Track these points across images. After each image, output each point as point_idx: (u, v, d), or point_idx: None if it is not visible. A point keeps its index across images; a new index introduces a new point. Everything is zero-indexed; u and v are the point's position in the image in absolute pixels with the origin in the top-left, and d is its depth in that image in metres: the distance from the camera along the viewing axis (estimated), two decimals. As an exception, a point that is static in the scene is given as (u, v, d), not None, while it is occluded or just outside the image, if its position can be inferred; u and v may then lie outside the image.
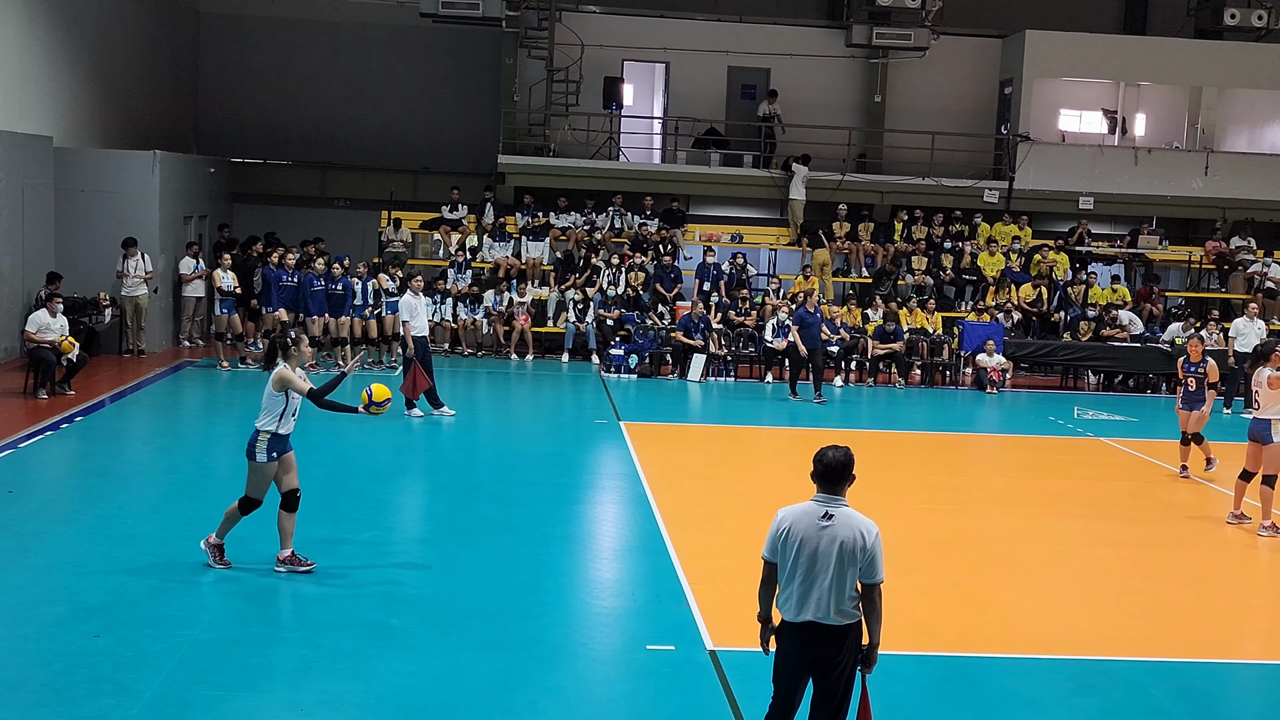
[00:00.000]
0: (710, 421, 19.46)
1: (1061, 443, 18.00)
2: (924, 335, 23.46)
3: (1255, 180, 28.27)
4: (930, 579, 10.77)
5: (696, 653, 8.70)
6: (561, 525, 12.07)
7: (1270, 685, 8.95)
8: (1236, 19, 28.13)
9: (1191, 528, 13.26)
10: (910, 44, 27.21)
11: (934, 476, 15.40)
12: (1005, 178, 27.87)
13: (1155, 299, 25.46)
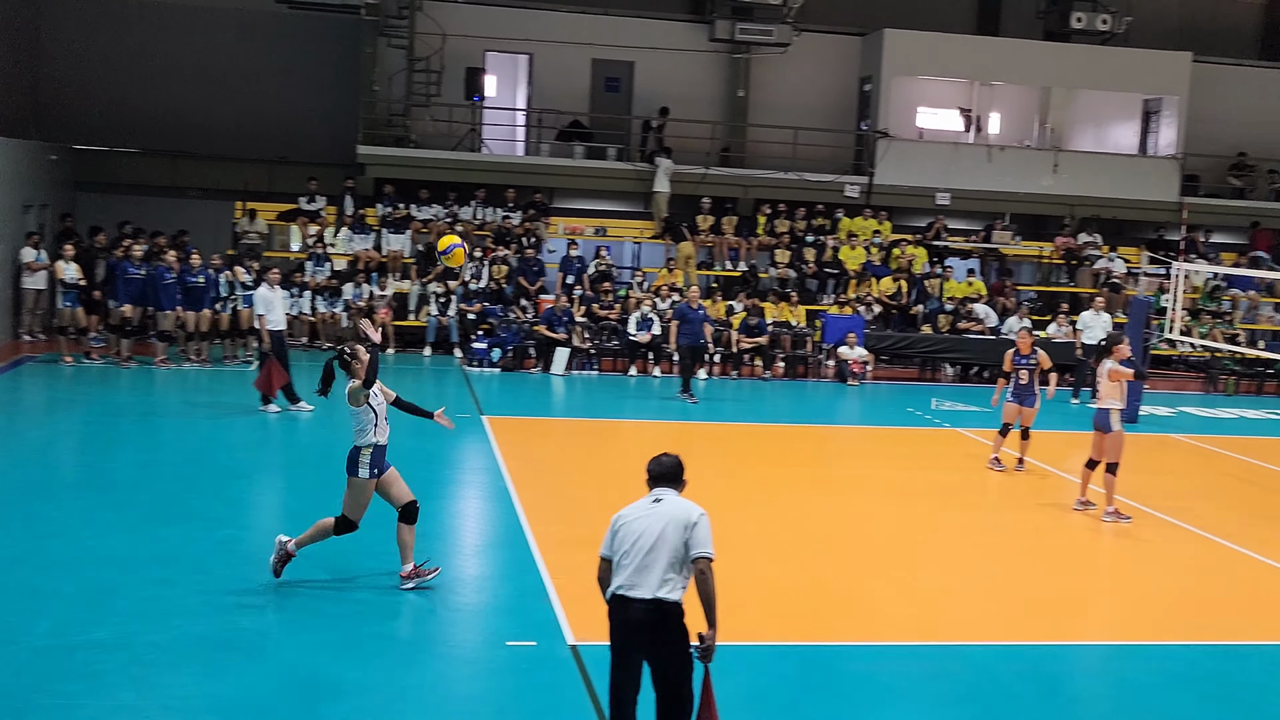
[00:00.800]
0: (574, 415, 19.37)
1: (919, 433, 18.33)
2: (787, 328, 23.71)
3: (1101, 178, 29.19)
4: (791, 569, 10.84)
5: (558, 648, 8.62)
6: (421, 521, 11.82)
7: (1112, 664, 9.21)
8: (1083, 22, 28.99)
9: (1041, 515, 13.58)
10: (772, 40, 27.44)
11: (796, 468, 15.55)
12: (865, 173, 28.31)
13: (1008, 293, 26.11)
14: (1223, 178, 30.86)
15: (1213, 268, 26.80)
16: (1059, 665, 9.06)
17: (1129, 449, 13.31)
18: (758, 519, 12.47)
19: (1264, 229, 29.70)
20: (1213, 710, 8.29)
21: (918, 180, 28.35)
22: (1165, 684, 8.73)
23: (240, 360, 20.80)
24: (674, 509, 6.49)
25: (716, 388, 21.53)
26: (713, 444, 16.66)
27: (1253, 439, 19.25)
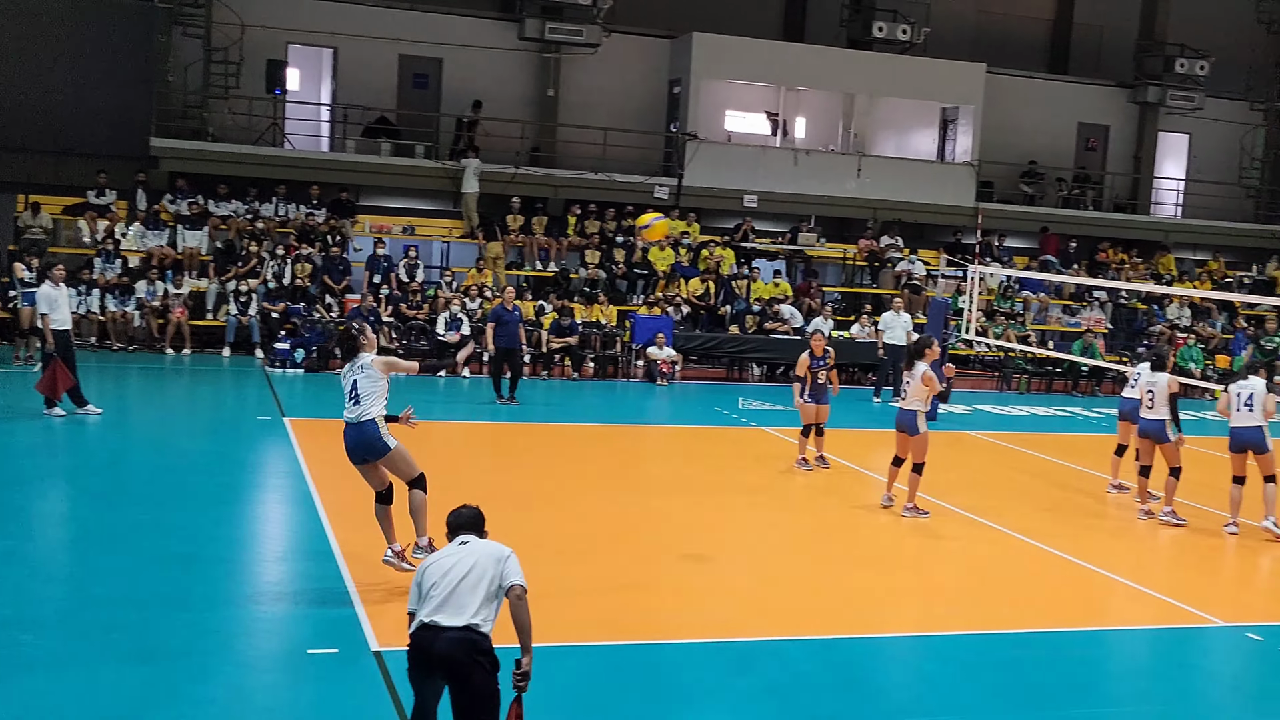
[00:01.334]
0: (380, 416, 18.95)
1: (726, 432, 18.52)
2: (597, 328, 23.71)
3: (902, 183, 30.05)
4: (598, 569, 10.78)
5: (361, 655, 8.36)
6: (218, 527, 11.41)
7: (911, 656, 9.40)
8: (884, 32, 29.80)
9: (844, 512, 13.84)
10: (582, 40, 27.42)
11: (605, 468, 15.53)
12: (674, 175, 28.53)
13: (814, 294, 26.63)
14: (1015, 184, 32.15)
15: (1006, 271, 27.85)
16: (861, 658, 9.20)
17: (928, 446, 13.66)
18: (565, 519, 12.38)
19: (1053, 234, 31.02)
20: (1002, 696, 8.53)
21: (726, 182, 28.70)
22: (959, 673, 8.95)
23: (24, 362, 19.73)
24: (483, 546, 6.45)
25: (526, 388, 21.35)
26: (522, 444, 16.51)
27: (1043, 435, 20.03)
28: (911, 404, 13.27)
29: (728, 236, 28.02)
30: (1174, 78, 32.16)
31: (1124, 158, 33.84)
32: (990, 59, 31.39)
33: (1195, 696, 8.94)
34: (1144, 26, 33.11)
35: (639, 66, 29.56)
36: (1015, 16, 33.90)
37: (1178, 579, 12.09)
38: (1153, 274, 30.76)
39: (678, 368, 23.35)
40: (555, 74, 28.66)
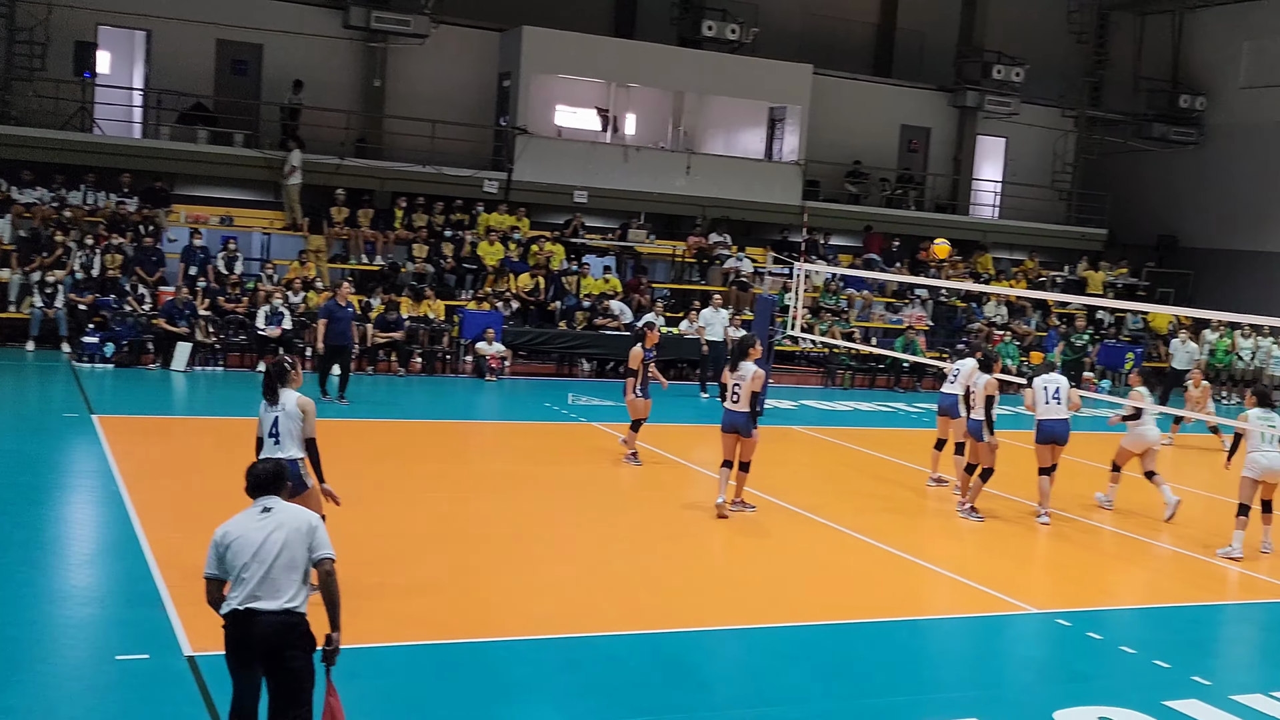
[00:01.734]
0: (196, 414, 18.37)
1: (556, 428, 18.40)
2: (424, 323, 23.34)
3: (731, 181, 30.36)
4: (422, 568, 10.58)
5: (173, 660, 8.01)
6: (20, 530, 10.82)
7: (735, 648, 9.43)
8: (714, 31, 30.05)
9: (674, 507, 13.86)
10: (410, 30, 26.96)
11: (431, 465, 15.27)
12: (504, 169, 28.28)
13: (643, 290, 26.70)
14: (840, 184, 32.78)
15: (831, 268, 28.34)
16: (688, 652, 9.19)
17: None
18: (389, 517, 12.12)
19: (876, 233, 31.73)
20: (828, 684, 8.63)
21: (556, 178, 28.57)
22: (786, 664, 9.02)
23: None
24: (288, 517, 6.23)
25: (352, 384, 20.87)
26: (347, 442, 16.10)
27: (866, 430, 20.44)
28: (744, 405, 12.94)
29: (558, 232, 27.90)
30: (991, 83, 33.23)
31: (944, 159, 34.84)
32: (817, 60, 31.94)
33: (1010, 680, 9.19)
34: (963, 33, 34.13)
35: (468, 59, 29.22)
36: (841, 19, 34.57)
37: (993, 568, 12.41)
38: (971, 273, 31.72)
39: (507, 363, 23.14)
40: (382, 64, 28.12)
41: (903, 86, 34.11)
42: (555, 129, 30.24)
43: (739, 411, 13.01)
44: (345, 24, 27.06)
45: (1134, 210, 35.83)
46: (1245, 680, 9.28)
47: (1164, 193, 35.64)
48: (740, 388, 12.98)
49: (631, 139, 30.96)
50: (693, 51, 30.29)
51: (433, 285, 24.65)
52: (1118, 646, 9.83)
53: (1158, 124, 34.64)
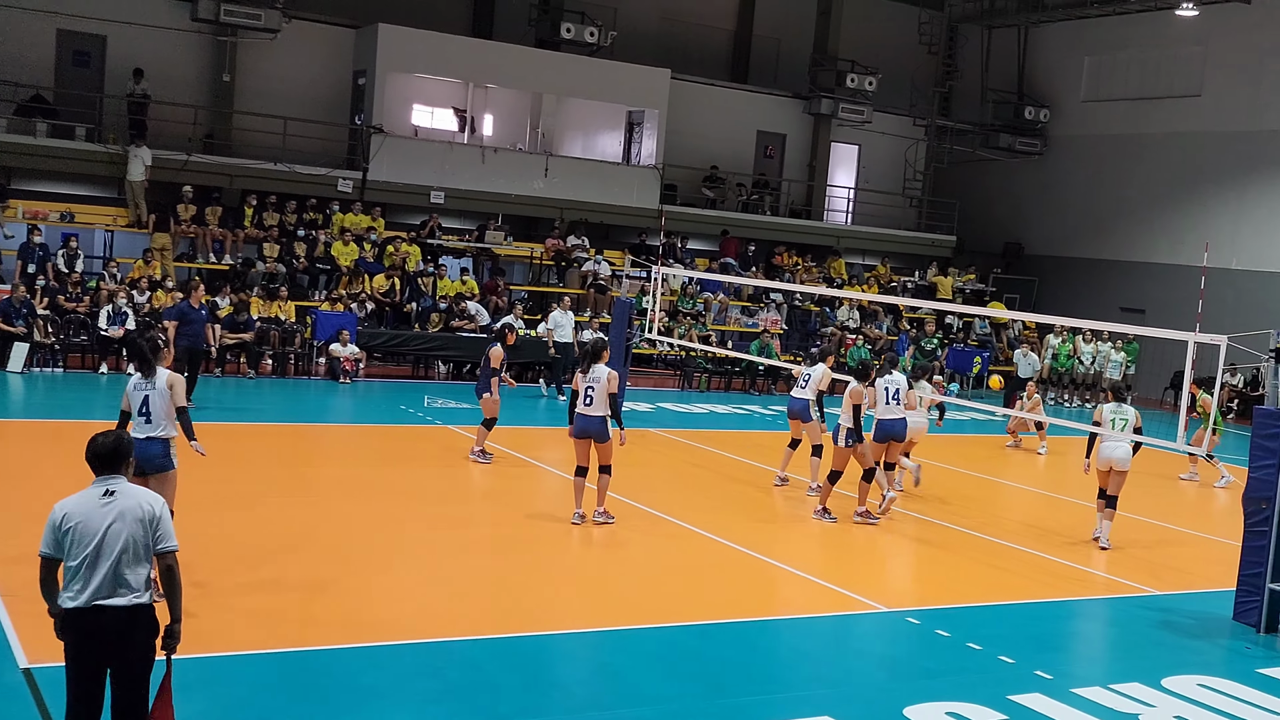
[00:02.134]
0: (33, 416, 17.67)
1: (412, 431, 18.16)
2: (276, 324, 22.83)
3: (589, 184, 30.37)
4: (278, 573, 10.32)
5: (7, 673, 7.69)
6: None
7: (593, 650, 9.40)
8: (572, 33, 30.00)
9: (533, 511, 13.77)
10: (261, 25, 26.33)
11: (283, 469, 14.92)
12: (359, 168, 27.84)
13: (501, 292, 26.53)
14: (697, 188, 33.03)
15: (688, 272, 28.56)
16: (544, 655, 9.13)
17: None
18: (243, 524, 11.81)
19: (732, 237, 32.05)
20: (682, 685, 8.64)
21: (412, 178, 28.23)
22: (642, 665, 9.02)
23: None
24: (132, 503, 6.01)
25: (200, 387, 20.31)
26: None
27: (722, 432, 20.60)
28: (599, 409, 12.70)
29: (414, 233, 27.57)
30: (845, 92, 33.84)
31: (799, 166, 35.36)
32: (675, 65, 32.16)
33: (862, 678, 9.32)
34: (818, 42, 34.68)
35: (322, 55, 28.71)
36: (698, 25, 34.86)
37: (844, 568, 12.62)
38: (825, 277, 32.25)
39: (361, 366, 22.78)
40: (231, 58, 27.42)
41: (759, 93, 34.53)
42: (412, 128, 29.89)
43: (594, 416, 12.67)
44: (194, 16, 26.29)
45: (982, 218, 36.86)
46: (1086, 674, 9.57)
47: (1010, 201, 36.75)
48: (594, 391, 12.65)
49: (489, 140, 30.74)
50: (551, 53, 30.21)
51: (285, 285, 24.11)
52: (965, 643, 10.05)
53: (1004, 134, 35.70)
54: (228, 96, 27.48)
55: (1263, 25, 30.68)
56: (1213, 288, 26.55)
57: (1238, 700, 9.18)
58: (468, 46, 29.64)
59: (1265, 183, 30.63)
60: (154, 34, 26.58)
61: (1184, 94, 32.70)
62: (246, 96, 27.69)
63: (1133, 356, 29.56)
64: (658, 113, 31.35)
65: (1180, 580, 13.02)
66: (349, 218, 26.75)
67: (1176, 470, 19.79)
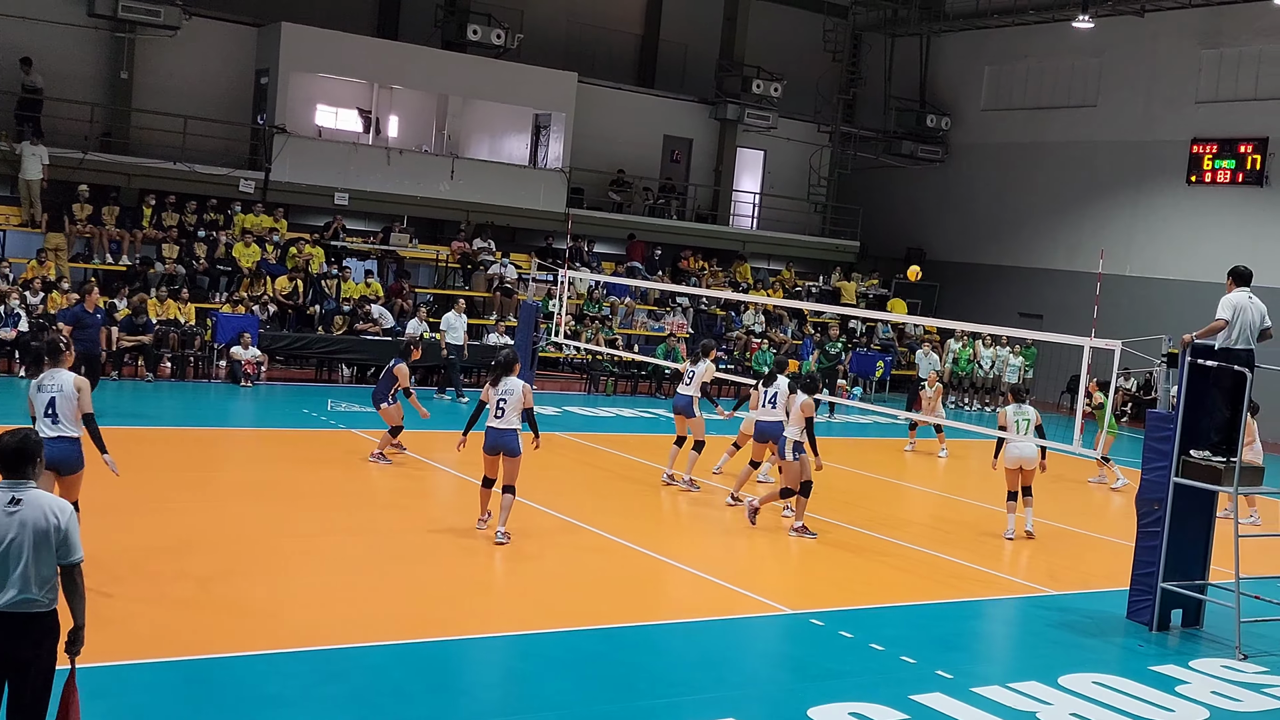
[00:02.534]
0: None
1: (315, 435, 17.94)
2: (175, 326, 22.41)
3: (495, 186, 30.26)
4: (179, 580, 10.12)
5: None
6: None
7: (499, 656, 9.37)
8: (479, 35, 29.87)
9: (437, 515, 13.69)
10: (160, 21, 25.84)
11: (183, 473, 14.65)
12: (262, 168, 27.44)
13: (406, 295, 26.31)
14: (604, 192, 33.06)
15: (595, 276, 28.57)
16: (450, 660, 9.07)
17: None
18: (139, 528, 11.58)
19: (639, 241, 32.13)
20: (587, 689, 8.66)
21: (316, 179, 27.89)
22: (548, 669, 9.01)
23: None
24: (36, 513, 5.87)
25: (96, 391, 19.88)
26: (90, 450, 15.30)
27: (628, 435, 20.64)
28: (509, 422, 12.19)
29: (318, 234, 27.24)
30: (751, 97, 34.09)
31: (705, 171, 35.56)
32: (582, 69, 32.17)
33: (766, 679, 9.41)
34: (724, 48, 34.91)
35: (224, 53, 28.25)
36: (606, 29, 34.91)
37: (749, 571, 12.72)
38: (731, 282, 32.46)
39: (263, 368, 22.46)
40: (130, 55, 26.86)
41: (666, 97, 34.67)
42: (315, 129, 29.55)
43: (506, 429, 12.21)
44: (90, 11, 25.70)
45: (885, 223, 37.39)
46: (985, 673, 9.75)
47: (913, 207, 37.32)
48: (506, 404, 12.20)
49: (394, 141, 30.50)
50: (457, 55, 30.05)
51: (185, 286, 23.68)
52: (868, 644, 10.18)
53: (906, 141, 36.25)
54: (126, 94, 26.91)
55: (1155, 38, 31.53)
56: (1108, 294, 27.07)
57: (1131, 697, 9.42)
58: (373, 47, 29.36)
59: (1158, 192, 31.47)
60: (48, 29, 25.92)
61: (1081, 104, 33.48)
62: (145, 94, 27.15)
63: (1031, 361, 30.16)
64: (565, 116, 31.33)
65: (1077, 580, 13.32)
66: (251, 219, 26.36)
67: (1076, 473, 20.23)
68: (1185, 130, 30.78)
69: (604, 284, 29.45)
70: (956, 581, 12.82)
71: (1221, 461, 11.22)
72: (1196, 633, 11.52)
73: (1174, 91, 31.20)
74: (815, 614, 10.95)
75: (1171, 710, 9.24)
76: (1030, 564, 13.85)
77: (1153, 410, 11.85)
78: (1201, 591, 11.65)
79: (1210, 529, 11.85)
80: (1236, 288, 11.43)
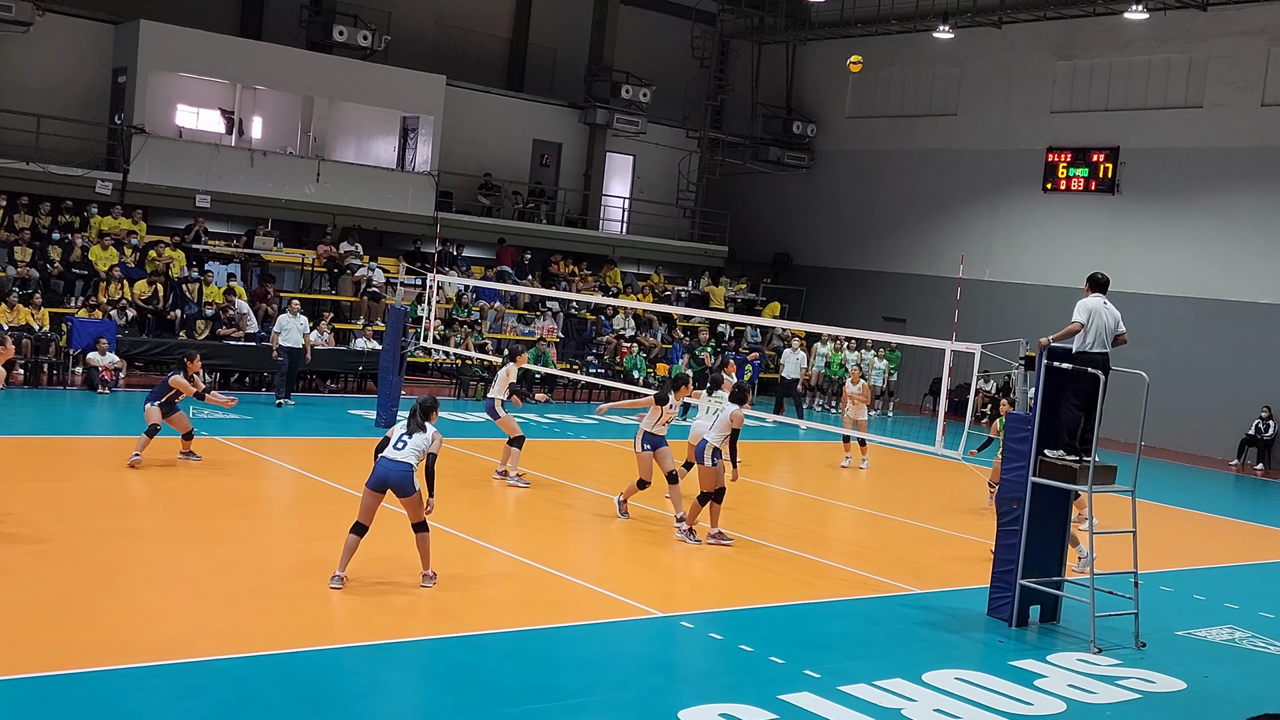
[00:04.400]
0: None
1: (172, 443, 17.47)
2: (29, 332, 21.68)
3: (362, 190, 29.90)
4: (26, 593, 9.78)
5: None
6: None
7: (366, 665, 9.22)
8: (345, 36, 29.48)
9: (298, 522, 13.46)
10: (12, 17, 24.95)
11: (36, 483, 14.16)
12: (119, 169, 26.70)
13: (271, 299, 25.82)
14: (474, 196, 32.89)
15: (464, 280, 28.38)
16: (314, 671, 8.90)
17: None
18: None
19: (509, 245, 32.01)
20: (458, 696, 8.62)
21: (177, 180, 27.24)
22: (415, 678, 8.95)
23: None
24: None
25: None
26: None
27: (497, 441, 20.49)
28: (409, 457, 10.89)
29: (179, 237, 26.57)
30: (620, 102, 34.22)
31: (575, 175, 35.59)
32: (450, 71, 31.96)
33: (636, 682, 9.43)
34: (593, 52, 34.99)
35: (79, 51, 27.44)
36: (474, 32, 34.74)
37: (619, 574, 12.76)
38: (601, 286, 32.52)
39: (121, 375, 21.84)
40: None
41: (535, 101, 34.63)
42: (176, 129, 28.86)
43: (403, 463, 10.83)
44: (-64, 6, 24.81)
45: (753, 228, 37.84)
46: (851, 671, 9.90)
47: (779, 213, 37.84)
48: (407, 443, 10.93)
49: (258, 143, 29.93)
50: (323, 56, 29.62)
51: (38, 291, 22.90)
52: (737, 645, 10.28)
53: (773, 148, 36.74)
54: (-24, 92, 26.00)
55: (1012, 49, 32.47)
56: (968, 298, 27.96)
57: (992, 692, 9.67)
58: (235, 46, 28.79)
59: (1015, 199, 32.39)
60: (-110, 22, 24.93)
61: (942, 112, 34.31)
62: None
63: (895, 364, 30.78)
64: (433, 118, 31.09)
65: (939, 578, 13.62)
66: (108, 221, 25.61)
67: (943, 476, 20.65)
68: (1041, 139, 31.75)
69: (473, 288, 29.28)
70: (822, 581, 13.02)
71: (1075, 461, 11.58)
72: (1054, 628, 11.88)
73: (1030, 101, 32.16)
74: (685, 616, 11.02)
75: (1030, 704, 9.51)
76: (894, 564, 14.12)
77: (1012, 412, 12.18)
78: (1058, 588, 12.02)
79: (1066, 527, 12.23)
80: (1093, 293, 11.80)
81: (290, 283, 28.76)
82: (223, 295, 24.86)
